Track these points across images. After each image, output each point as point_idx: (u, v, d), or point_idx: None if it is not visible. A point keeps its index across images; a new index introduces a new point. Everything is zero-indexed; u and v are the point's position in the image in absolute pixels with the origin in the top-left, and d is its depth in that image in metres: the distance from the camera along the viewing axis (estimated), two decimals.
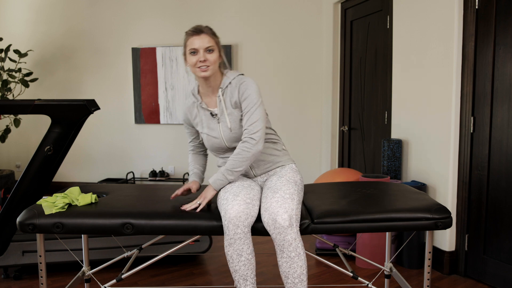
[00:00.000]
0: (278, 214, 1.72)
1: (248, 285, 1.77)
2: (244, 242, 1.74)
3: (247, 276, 1.77)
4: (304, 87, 4.94)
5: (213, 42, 1.92)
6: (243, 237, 1.74)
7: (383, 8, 3.69)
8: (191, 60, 1.92)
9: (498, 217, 2.70)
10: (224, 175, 1.90)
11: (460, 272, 2.95)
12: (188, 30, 1.95)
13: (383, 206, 1.91)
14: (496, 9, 2.65)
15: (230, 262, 1.77)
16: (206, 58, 1.89)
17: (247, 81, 1.95)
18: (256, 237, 3.72)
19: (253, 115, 1.90)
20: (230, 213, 1.73)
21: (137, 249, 2.38)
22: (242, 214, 1.73)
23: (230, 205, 1.76)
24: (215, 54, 1.92)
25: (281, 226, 1.71)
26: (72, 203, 1.96)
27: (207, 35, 1.91)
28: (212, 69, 1.91)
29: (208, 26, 1.97)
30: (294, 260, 1.73)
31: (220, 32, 5.67)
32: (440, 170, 2.99)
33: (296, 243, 1.73)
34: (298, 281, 1.75)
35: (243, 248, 1.75)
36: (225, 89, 1.97)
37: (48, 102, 2.27)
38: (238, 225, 1.73)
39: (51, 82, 5.43)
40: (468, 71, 2.82)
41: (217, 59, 1.93)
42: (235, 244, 1.74)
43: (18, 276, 2.92)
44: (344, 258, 2.23)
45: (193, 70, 1.93)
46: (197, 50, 1.90)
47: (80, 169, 5.50)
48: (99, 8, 5.26)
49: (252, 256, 1.77)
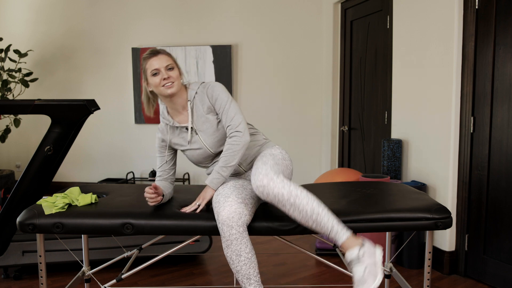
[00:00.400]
0: (258, 180, 1.70)
1: (252, 284, 1.76)
2: (241, 242, 1.74)
3: (250, 275, 1.76)
4: (304, 87, 4.93)
5: (171, 60, 1.96)
6: (239, 237, 1.73)
7: (383, 8, 3.69)
8: (154, 81, 1.93)
9: (498, 217, 2.70)
10: (219, 173, 1.91)
11: (460, 272, 2.95)
12: (144, 55, 1.97)
13: (383, 206, 1.91)
14: (496, 9, 2.65)
15: (231, 264, 1.77)
16: (168, 75, 1.93)
17: (212, 84, 1.99)
18: (256, 237, 3.72)
19: (229, 111, 1.94)
20: (222, 215, 1.73)
21: (137, 249, 2.38)
22: (234, 214, 1.73)
23: (221, 207, 1.75)
24: (176, 71, 1.96)
25: (262, 185, 1.69)
26: (72, 203, 1.96)
27: (164, 55, 1.96)
28: (176, 84, 1.94)
29: (163, 48, 2.03)
30: (299, 203, 1.70)
31: (220, 32, 5.67)
32: (440, 170, 2.99)
33: (288, 185, 1.70)
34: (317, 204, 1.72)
35: (241, 248, 1.74)
36: (193, 100, 2.00)
37: (48, 102, 2.27)
38: (232, 225, 1.72)
39: (51, 82, 5.43)
40: (468, 71, 2.82)
41: (179, 75, 1.97)
42: (232, 245, 1.74)
43: (18, 276, 2.92)
44: (344, 258, 2.22)
45: (158, 90, 1.95)
46: (158, 70, 1.92)
47: (80, 169, 5.50)
48: (99, 8, 5.26)
49: (252, 254, 1.76)
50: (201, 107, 1.98)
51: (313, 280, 2.90)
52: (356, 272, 1.68)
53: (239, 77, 5.04)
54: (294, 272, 3.04)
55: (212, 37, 5.03)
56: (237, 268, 1.76)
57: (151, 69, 1.93)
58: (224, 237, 1.74)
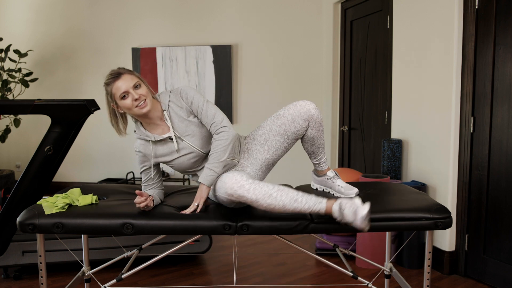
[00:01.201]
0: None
1: (302, 199, 1.77)
2: (260, 187, 1.73)
3: (294, 197, 1.76)
4: (304, 87, 4.93)
5: (136, 78, 1.89)
6: (255, 186, 1.73)
7: (383, 8, 3.69)
8: (126, 104, 1.86)
9: (498, 217, 2.70)
10: (212, 169, 1.88)
11: (460, 272, 2.95)
12: (106, 80, 1.88)
13: (383, 206, 1.91)
14: (496, 9, 2.65)
15: (273, 208, 1.75)
16: (138, 94, 1.86)
17: (183, 88, 1.97)
18: (256, 237, 3.72)
19: (208, 110, 1.92)
20: (226, 186, 1.73)
21: (137, 249, 2.38)
22: (236, 176, 1.74)
23: (222, 182, 1.77)
24: (144, 87, 1.90)
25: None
26: (73, 203, 1.96)
27: (127, 74, 1.88)
28: (149, 101, 1.88)
29: (122, 67, 1.96)
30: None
31: (220, 32, 5.67)
32: (440, 170, 2.99)
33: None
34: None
35: (265, 190, 1.73)
36: (169, 109, 1.95)
37: (48, 102, 2.27)
38: (242, 185, 1.72)
39: (51, 82, 5.43)
40: (468, 71, 2.82)
41: (148, 90, 1.91)
42: (257, 195, 1.72)
43: (18, 276, 2.92)
44: (344, 258, 2.22)
45: (132, 112, 1.88)
46: (126, 91, 1.85)
47: (80, 169, 5.50)
48: (99, 8, 5.26)
49: (277, 186, 1.76)
50: (180, 112, 1.95)
51: (313, 280, 2.90)
52: (346, 215, 1.73)
53: (239, 77, 5.04)
54: (294, 272, 3.04)
55: (212, 37, 5.03)
56: (281, 204, 1.75)
57: (119, 93, 1.85)
58: (247, 199, 1.73)
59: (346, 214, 1.73)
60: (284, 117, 1.96)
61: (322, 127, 1.99)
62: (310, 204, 1.77)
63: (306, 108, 1.92)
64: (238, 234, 1.82)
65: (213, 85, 5.01)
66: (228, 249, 3.49)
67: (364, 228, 1.73)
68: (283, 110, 1.99)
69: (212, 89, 5.01)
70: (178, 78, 5.08)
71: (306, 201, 1.77)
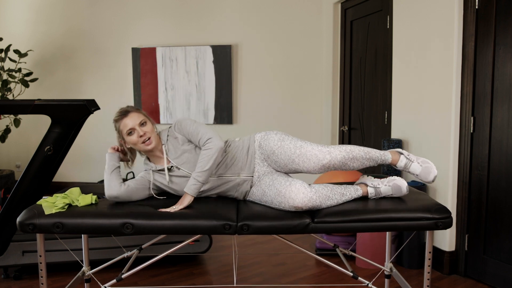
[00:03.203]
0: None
1: (350, 191, 1.99)
2: (320, 191, 1.90)
3: (341, 192, 1.96)
4: (304, 87, 4.93)
5: (142, 116, 2.06)
6: (318, 194, 1.88)
7: (383, 8, 3.69)
8: (132, 140, 2.03)
9: (498, 217, 2.70)
10: (196, 179, 1.95)
11: (460, 272, 2.95)
12: (115, 117, 2.07)
13: (383, 206, 1.91)
14: (496, 9, 2.65)
15: (331, 204, 1.92)
16: (144, 131, 2.02)
17: (177, 121, 2.10)
18: (256, 237, 3.72)
19: (198, 130, 2.03)
20: (296, 202, 1.85)
21: (137, 249, 2.38)
22: (304, 190, 1.87)
23: (289, 198, 1.86)
24: (149, 124, 2.06)
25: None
26: (72, 203, 1.96)
27: (134, 112, 2.05)
28: (154, 138, 2.04)
29: (130, 105, 2.13)
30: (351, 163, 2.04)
31: (220, 32, 5.67)
32: (440, 170, 2.99)
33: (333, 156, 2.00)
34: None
35: (324, 193, 1.90)
36: (167, 143, 2.09)
37: (48, 102, 2.27)
38: (309, 198, 1.86)
39: (51, 82, 5.43)
40: (468, 71, 2.82)
41: (152, 128, 2.07)
42: (322, 201, 1.89)
43: (18, 276, 2.92)
44: (344, 258, 2.23)
45: (138, 147, 2.06)
46: (133, 128, 2.02)
47: (80, 169, 5.50)
48: (99, 8, 5.25)
49: (330, 189, 1.94)
50: (176, 144, 2.07)
51: (313, 280, 2.90)
52: (414, 169, 2.05)
53: (239, 77, 5.04)
54: (294, 272, 3.04)
55: (212, 37, 5.03)
56: (335, 202, 1.93)
57: (126, 129, 2.02)
58: (314, 207, 1.88)
59: (415, 168, 2.05)
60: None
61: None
62: (351, 191, 2.00)
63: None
64: (238, 234, 1.82)
65: (213, 85, 5.01)
66: (228, 249, 3.49)
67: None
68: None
69: (212, 89, 5.01)
70: (178, 78, 5.08)
71: (349, 192, 1.99)
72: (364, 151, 2.01)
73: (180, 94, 5.09)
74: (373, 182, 2.05)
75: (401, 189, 2.01)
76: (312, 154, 1.94)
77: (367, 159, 2.01)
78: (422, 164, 2.06)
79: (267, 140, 2.07)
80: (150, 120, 2.10)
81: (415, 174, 2.06)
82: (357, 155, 1.98)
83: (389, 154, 2.07)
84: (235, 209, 1.97)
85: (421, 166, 2.05)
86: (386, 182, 2.03)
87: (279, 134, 2.08)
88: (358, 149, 2.00)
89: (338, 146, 1.99)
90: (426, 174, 2.04)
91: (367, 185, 2.06)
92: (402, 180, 2.02)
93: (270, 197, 1.94)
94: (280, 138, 2.05)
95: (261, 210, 1.92)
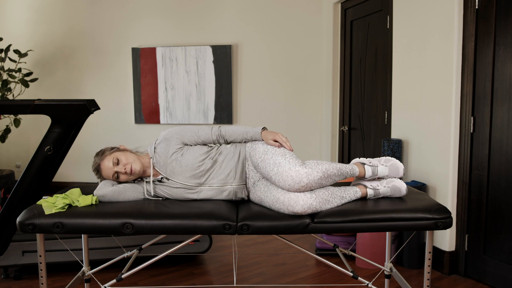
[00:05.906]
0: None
1: (345, 196, 1.99)
2: (320, 196, 1.89)
3: (340, 195, 1.97)
4: (304, 87, 4.94)
5: (110, 156, 2.04)
6: (319, 199, 1.88)
7: (383, 8, 3.69)
8: (123, 178, 2.05)
9: (498, 217, 2.70)
10: (246, 128, 2.08)
11: (460, 272, 2.95)
12: (93, 170, 2.10)
13: (383, 206, 1.91)
14: (496, 9, 2.65)
15: (331, 207, 1.92)
16: (123, 165, 2.02)
17: (161, 134, 2.11)
18: (256, 237, 3.72)
19: (190, 129, 2.09)
20: (296, 208, 1.84)
21: (137, 249, 2.38)
22: (304, 198, 1.86)
23: (289, 206, 1.85)
24: (122, 155, 2.04)
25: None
26: (73, 203, 1.96)
27: (103, 161, 2.04)
28: (134, 162, 2.04)
29: (97, 153, 2.11)
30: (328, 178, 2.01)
31: (220, 32, 5.66)
32: (440, 170, 2.99)
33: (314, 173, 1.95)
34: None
35: (324, 197, 1.90)
36: (154, 155, 2.09)
37: (48, 102, 2.27)
38: (309, 205, 1.86)
39: (51, 82, 5.43)
40: (468, 71, 2.82)
41: (128, 154, 2.07)
42: (322, 205, 1.89)
43: (18, 276, 2.92)
44: (344, 258, 2.23)
45: (130, 178, 2.07)
46: (115, 172, 2.04)
47: (80, 169, 5.50)
48: (99, 8, 5.25)
49: (329, 191, 1.93)
50: (164, 156, 2.06)
51: (313, 280, 2.90)
52: (382, 172, 2.05)
53: (239, 77, 5.04)
54: (294, 272, 3.04)
55: (212, 37, 5.03)
56: (335, 204, 1.93)
57: (110, 176, 2.05)
58: (314, 211, 1.87)
59: (381, 171, 2.06)
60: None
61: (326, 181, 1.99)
62: (351, 193, 2.01)
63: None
64: (238, 234, 1.82)
65: (213, 85, 5.01)
66: (228, 249, 3.49)
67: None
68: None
69: (212, 89, 5.01)
70: (178, 78, 5.08)
71: (349, 194, 2.00)
72: (336, 168, 1.98)
73: (180, 94, 5.09)
74: (372, 183, 2.05)
75: (400, 190, 2.03)
76: (288, 175, 1.86)
77: (339, 175, 1.99)
78: (385, 163, 2.06)
79: (254, 150, 2.05)
80: (122, 150, 2.09)
81: (385, 175, 2.05)
82: (331, 173, 1.95)
83: (356, 168, 2.05)
84: (235, 209, 1.97)
85: (386, 166, 2.06)
86: (385, 183, 2.04)
87: (265, 145, 2.04)
88: (332, 167, 1.96)
89: (315, 164, 1.93)
90: (395, 171, 2.05)
91: (366, 186, 2.06)
92: (401, 182, 2.03)
93: (268, 204, 1.94)
94: (265, 150, 2.01)
95: (261, 210, 1.92)
